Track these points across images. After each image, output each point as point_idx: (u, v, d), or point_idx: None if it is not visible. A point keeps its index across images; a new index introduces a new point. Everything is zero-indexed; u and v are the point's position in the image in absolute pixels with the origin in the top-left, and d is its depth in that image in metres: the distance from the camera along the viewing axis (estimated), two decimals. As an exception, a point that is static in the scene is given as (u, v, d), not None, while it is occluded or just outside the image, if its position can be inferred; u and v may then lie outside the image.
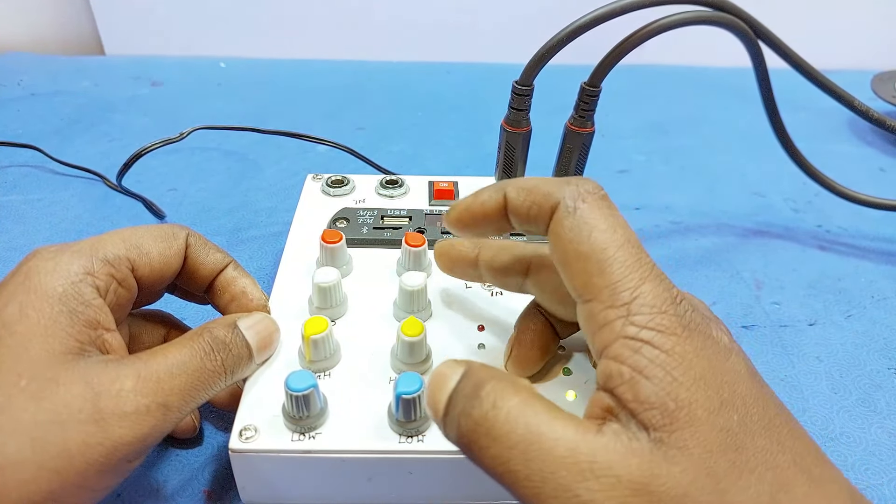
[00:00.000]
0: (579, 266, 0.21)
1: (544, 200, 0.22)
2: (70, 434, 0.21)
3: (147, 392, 0.22)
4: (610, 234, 0.21)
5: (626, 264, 0.20)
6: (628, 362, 0.19)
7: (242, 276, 0.30)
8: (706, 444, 0.18)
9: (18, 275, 0.23)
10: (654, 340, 0.19)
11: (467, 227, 0.26)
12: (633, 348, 0.19)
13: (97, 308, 0.24)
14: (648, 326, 0.19)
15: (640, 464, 0.18)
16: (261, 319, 0.28)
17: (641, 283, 0.20)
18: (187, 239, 0.28)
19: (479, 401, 0.20)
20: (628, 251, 0.20)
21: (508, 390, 0.20)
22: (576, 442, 0.18)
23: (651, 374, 0.19)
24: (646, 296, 0.20)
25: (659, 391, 0.18)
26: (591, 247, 0.21)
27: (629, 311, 0.20)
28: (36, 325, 0.22)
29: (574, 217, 0.21)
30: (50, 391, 0.21)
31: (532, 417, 0.19)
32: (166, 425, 0.23)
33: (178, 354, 0.24)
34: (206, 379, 0.24)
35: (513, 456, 0.19)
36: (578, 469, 0.18)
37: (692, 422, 0.18)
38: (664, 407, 0.18)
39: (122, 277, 0.26)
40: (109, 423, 0.21)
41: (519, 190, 0.23)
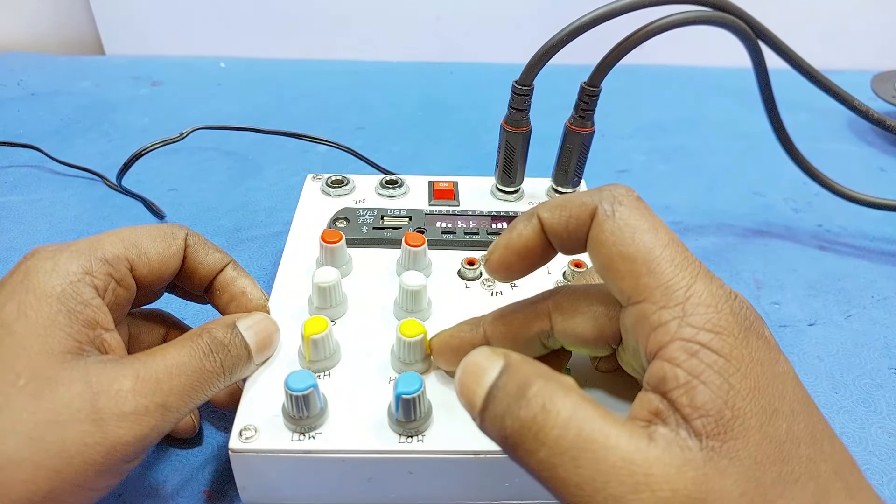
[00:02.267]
0: (626, 268, 0.20)
1: (581, 211, 0.22)
2: (69, 434, 0.21)
3: (146, 392, 0.22)
4: (653, 234, 0.20)
5: (675, 262, 0.20)
6: (685, 366, 0.18)
7: (242, 276, 0.30)
8: (756, 455, 0.17)
9: (17, 274, 0.23)
10: (712, 343, 0.19)
11: (512, 268, 0.24)
12: (689, 351, 0.19)
13: (96, 308, 0.24)
14: (706, 328, 0.19)
15: (696, 477, 0.17)
16: (260, 320, 0.28)
17: (694, 280, 0.19)
18: (186, 239, 0.28)
19: (526, 401, 0.19)
20: (675, 249, 0.20)
21: (558, 392, 0.19)
22: (630, 452, 0.18)
23: (708, 379, 0.18)
24: (700, 294, 0.19)
25: (716, 398, 0.18)
26: (636, 248, 0.20)
27: (684, 311, 0.19)
28: (35, 324, 0.22)
29: (614, 220, 0.21)
30: (49, 391, 0.21)
31: (585, 423, 0.18)
32: (165, 426, 0.23)
33: (177, 355, 0.24)
34: (205, 379, 0.24)
35: (562, 462, 0.18)
36: (633, 481, 0.17)
37: (745, 432, 0.18)
38: (720, 415, 0.18)
39: (121, 277, 0.26)
40: (108, 423, 0.21)
41: (552, 209, 0.23)
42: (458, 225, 0.37)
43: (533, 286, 0.33)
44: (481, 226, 0.37)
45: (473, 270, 0.34)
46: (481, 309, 0.32)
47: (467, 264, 0.34)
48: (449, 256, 0.35)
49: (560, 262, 0.35)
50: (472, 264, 0.34)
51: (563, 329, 0.25)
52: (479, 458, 0.25)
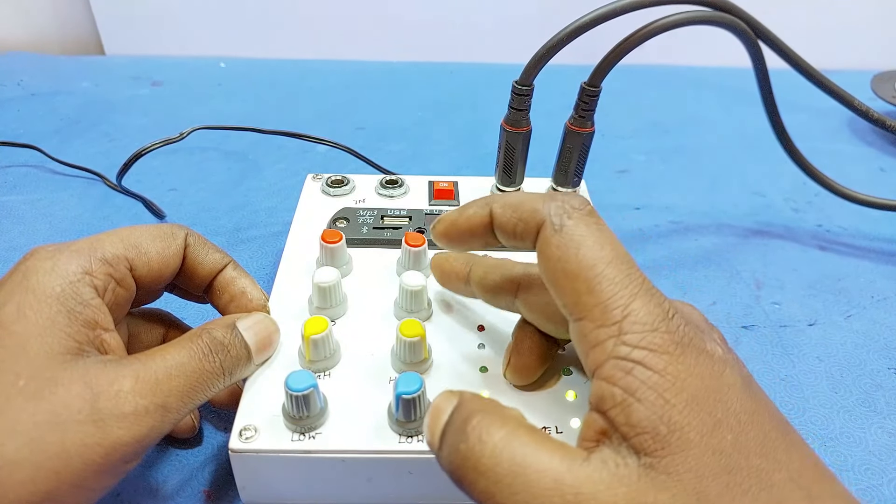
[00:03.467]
0: (568, 284, 0.20)
1: (530, 217, 0.22)
2: (68, 435, 0.21)
3: (146, 393, 0.22)
4: (597, 250, 0.20)
5: (615, 281, 0.20)
6: (620, 384, 0.19)
7: (242, 276, 0.30)
8: (698, 469, 0.17)
9: (16, 274, 0.23)
10: (646, 360, 0.19)
11: (453, 241, 0.26)
12: (624, 369, 0.19)
13: (95, 308, 0.24)
14: (640, 346, 0.19)
15: (627, 492, 0.17)
16: (260, 320, 0.28)
17: (632, 299, 0.19)
18: (186, 238, 0.28)
19: (465, 435, 0.20)
20: (617, 267, 0.20)
21: (495, 424, 0.20)
22: (560, 473, 0.18)
23: (643, 396, 0.18)
24: (637, 313, 0.19)
25: (651, 415, 0.18)
26: (578, 264, 0.20)
27: (620, 329, 0.19)
28: (34, 324, 0.22)
29: (560, 234, 0.21)
30: (48, 391, 0.21)
31: (518, 449, 0.19)
32: (164, 426, 0.23)
33: (176, 355, 0.24)
34: (204, 380, 0.24)
35: (499, 489, 0.18)
36: (563, 501, 0.17)
37: (684, 446, 0.18)
38: (656, 431, 0.18)
39: (121, 277, 0.26)
40: (108, 423, 0.21)
41: (505, 206, 0.23)
42: (458, 225, 0.37)
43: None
44: (481, 226, 0.37)
45: (473, 270, 0.34)
46: (481, 309, 0.32)
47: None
48: (449, 256, 0.35)
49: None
50: (472, 264, 0.34)
51: (523, 301, 0.27)
52: (479, 458, 0.25)
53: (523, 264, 0.28)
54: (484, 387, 0.28)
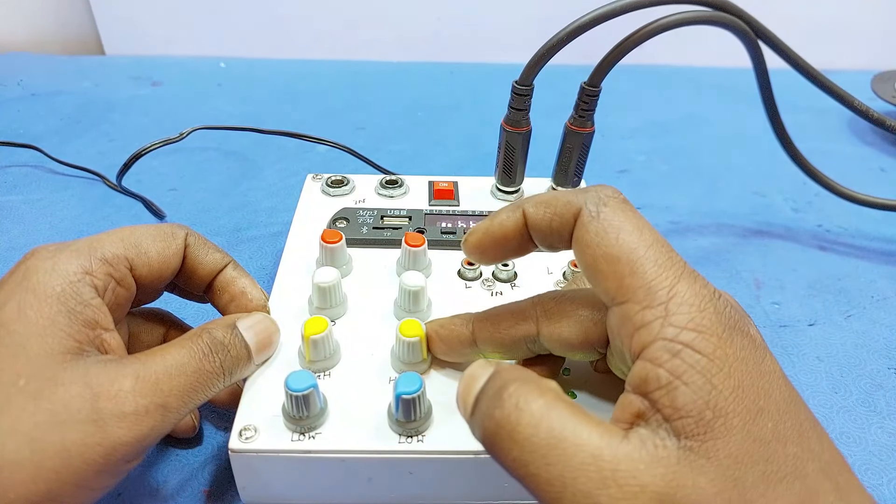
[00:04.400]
0: (610, 269, 0.20)
1: (565, 210, 0.22)
2: (69, 434, 0.21)
3: (146, 393, 0.22)
4: (637, 234, 0.20)
5: (658, 263, 0.20)
6: (667, 366, 0.18)
7: (242, 276, 0.30)
8: (737, 455, 0.17)
9: (17, 274, 0.23)
10: (694, 343, 0.18)
11: (487, 252, 0.25)
12: (672, 351, 0.18)
13: (96, 308, 0.24)
14: (688, 327, 0.19)
15: (666, 473, 0.17)
16: (260, 320, 0.28)
17: (677, 280, 0.19)
18: (186, 238, 0.28)
19: (501, 402, 0.19)
20: (658, 250, 0.20)
21: (533, 392, 0.19)
22: (600, 448, 0.18)
23: (690, 380, 0.18)
24: (683, 294, 0.19)
25: (697, 399, 0.18)
26: (619, 248, 0.20)
27: (667, 310, 0.19)
28: (34, 324, 0.22)
29: (598, 221, 0.21)
30: (49, 391, 0.21)
31: (556, 421, 0.18)
32: (165, 426, 0.23)
33: (176, 355, 0.24)
34: (204, 380, 0.24)
35: (534, 459, 0.18)
36: (601, 476, 0.17)
37: (727, 431, 0.17)
38: (701, 416, 0.18)
39: (121, 277, 0.26)
40: (108, 423, 0.21)
41: (537, 204, 0.23)
42: (458, 225, 0.37)
43: (533, 285, 0.33)
44: (481, 226, 0.37)
45: (473, 270, 0.34)
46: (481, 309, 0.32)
47: (467, 264, 0.34)
48: (449, 256, 0.35)
49: (560, 261, 0.35)
50: (472, 264, 0.34)
51: (548, 334, 0.25)
52: (479, 458, 0.25)
53: (529, 300, 0.26)
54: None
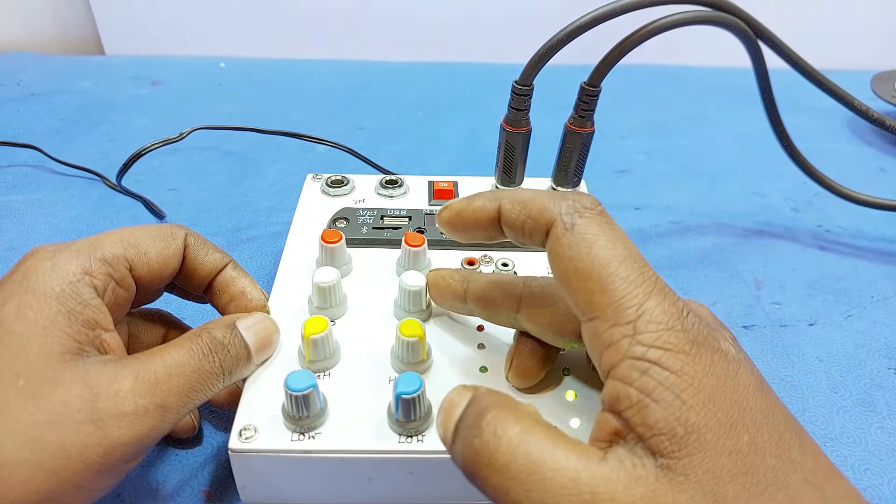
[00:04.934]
0: (580, 284, 0.20)
1: (539, 216, 0.22)
2: (68, 434, 0.21)
3: (145, 393, 0.22)
4: (610, 249, 0.20)
5: (628, 280, 0.20)
6: (636, 384, 0.18)
7: (241, 276, 0.30)
8: (715, 470, 0.17)
9: (16, 274, 0.23)
10: (662, 360, 0.18)
11: (457, 230, 0.25)
12: (640, 369, 0.19)
13: (95, 308, 0.24)
14: (656, 345, 0.19)
15: (645, 493, 0.17)
16: (260, 320, 0.28)
17: (646, 298, 0.19)
18: (186, 239, 0.28)
19: (479, 430, 0.19)
20: (630, 266, 0.20)
21: (510, 419, 0.19)
22: (577, 472, 0.18)
23: (659, 397, 0.18)
24: (652, 312, 0.19)
25: (668, 416, 0.18)
26: (591, 263, 0.20)
27: (635, 329, 0.19)
28: (34, 324, 0.22)
29: (572, 233, 0.21)
30: (48, 391, 0.21)
31: (534, 446, 0.19)
32: (164, 426, 0.23)
33: (176, 355, 0.24)
34: (204, 380, 0.24)
35: (514, 486, 0.18)
36: (580, 500, 0.17)
37: (701, 447, 0.18)
38: (673, 433, 0.18)
39: (121, 277, 0.26)
40: (108, 423, 0.21)
41: (514, 203, 0.23)
42: (458, 225, 0.37)
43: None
44: (481, 226, 0.37)
45: (473, 270, 0.34)
46: (481, 309, 0.32)
47: (467, 264, 0.34)
48: (449, 256, 0.35)
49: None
50: (472, 264, 0.34)
51: (526, 315, 0.26)
52: (479, 458, 0.25)
53: (522, 278, 0.27)
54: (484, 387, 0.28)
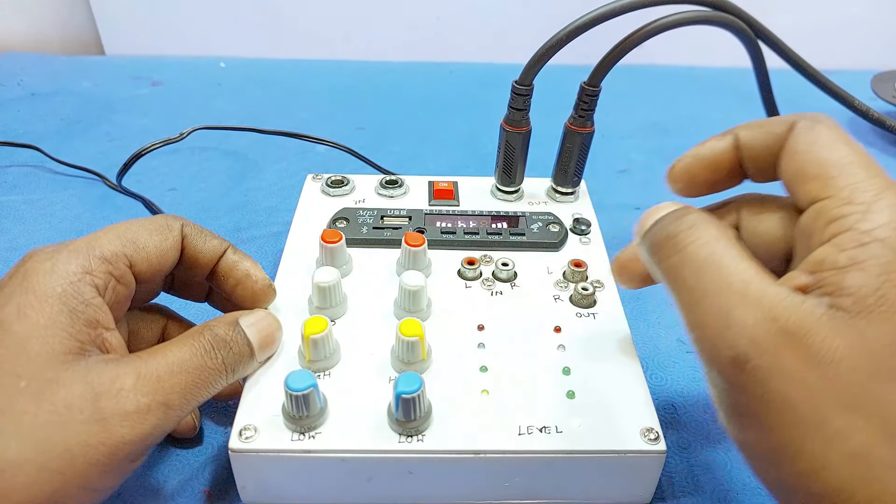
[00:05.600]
0: (818, 171, 0.20)
1: (780, 125, 0.22)
2: (71, 435, 0.21)
3: (147, 391, 0.22)
4: (849, 148, 0.20)
5: (869, 171, 0.20)
6: (849, 252, 0.19)
7: (243, 259, 0.29)
8: (885, 341, 0.18)
9: (16, 276, 0.23)
10: (888, 240, 0.18)
11: (694, 180, 0.25)
12: (860, 242, 0.18)
13: (97, 307, 0.24)
14: (888, 225, 0.18)
15: (803, 318, 0.18)
16: (263, 317, 0.28)
17: (885, 189, 0.19)
18: (182, 229, 0.28)
19: (679, 221, 0.21)
20: (871, 162, 0.20)
21: (711, 224, 0.21)
22: (752, 279, 0.19)
23: (867, 266, 0.18)
24: (890, 200, 0.19)
25: (866, 284, 0.18)
26: (831, 154, 0.20)
27: (869, 208, 0.19)
28: (35, 325, 0.22)
29: (813, 131, 0.21)
30: (50, 392, 0.21)
31: (721, 248, 0.20)
32: (167, 424, 0.23)
33: (178, 352, 0.24)
34: (206, 377, 0.24)
35: (688, 269, 0.20)
36: (745, 297, 0.19)
37: (883, 319, 0.18)
38: (864, 299, 0.18)
39: (121, 275, 0.25)
40: (111, 422, 0.21)
41: (751, 126, 0.23)
42: (457, 225, 0.37)
43: (534, 285, 0.33)
44: (481, 226, 0.37)
45: (473, 270, 0.34)
46: (481, 309, 0.32)
47: (467, 264, 0.34)
48: (449, 256, 0.35)
49: (560, 262, 0.35)
50: (472, 264, 0.34)
51: (748, 225, 0.25)
52: (479, 458, 0.25)
53: (733, 196, 0.26)
54: (484, 387, 0.28)
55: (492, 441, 0.26)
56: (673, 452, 0.31)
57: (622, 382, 0.28)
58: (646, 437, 0.26)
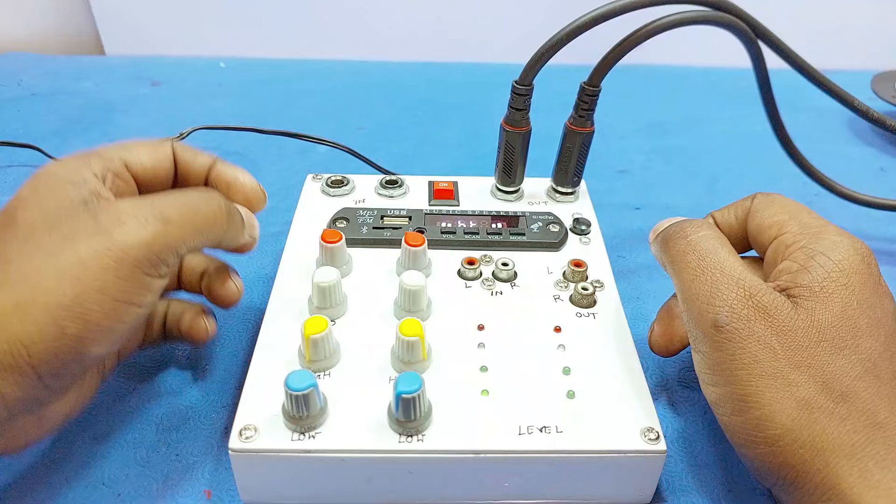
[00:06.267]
0: (775, 219, 0.28)
1: (744, 201, 0.31)
2: (80, 247, 0.23)
3: (143, 207, 0.25)
4: (798, 205, 0.29)
5: (813, 215, 0.28)
6: (800, 261, 0.26)
7: (229, 167, 0.32)
8: (829, 318, 0.24)
9: (32, 176, 0.26)
10: (828, 253, 0.25)
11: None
12: (810, 254, 0.26)
13: (98, 183, 0.26)
14: (829, 246, 0.26)
15: (773, 300, 0.25)
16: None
17: (828, 224, 0.27)
18: (173, 146, 0.31)
19: (689, 223, 0.29)
20: (814, 213, 0.28)
21: (714, 229, 0.28)
22: (740, 269, 0.26)
23: (813, 269, 0.25)
24: (830, 231, 0.27)
25: (813, 280, 0.25)
26: (784, 209, 0.29)
27: (815, 235, 0.26)
28: (51, 189, 0.25)
29: (769, 198, 0.30)
30: (63, 224, 0.24)
31: (719, 245, 0.27)
32: (169, 238, 0.25)
33: (178, 192, 0.27)
34: (204, 211, 0.27)
35: (692, 254, 0.27)
36: (731, 278, 0.25)
37: (826, 302, 0.24)
38: (811, 289, 0.25)
39: (116, 169, 0.28)
40: (112, 232, 0.24)
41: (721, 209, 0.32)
42: (458, 225, 0.37)
43: (533, 285, 0.33)
44: (481, 226, 0.37)
45: (473, 270, 0.34)
46: (481, 309, 0.32)
47: (467, 264, 0.34)
48: (449, 256, 0.35)
49: (560, 261, 0.35)
50: (471, 264, 0.34)
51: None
52: (479, 457, 0.25)
53: None
54: (484, 387, 0.28)
55: (492, 441, 0.26)
56: (673, 452, 0.31)
57: (622, 382, 0.28)
58: (646, 437, 0.26)
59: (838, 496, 0.22)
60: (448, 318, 0.31)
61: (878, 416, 0.23)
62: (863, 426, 0.23)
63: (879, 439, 0.22)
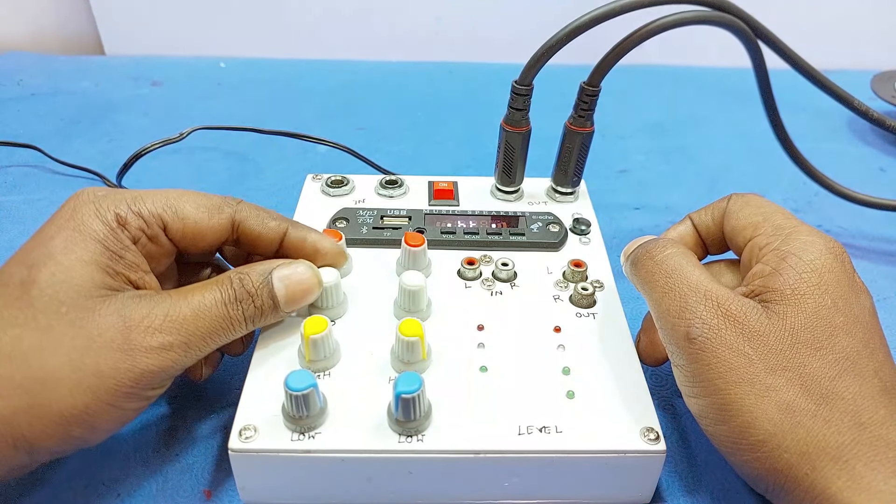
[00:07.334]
0: (750, 221, 0.29)
1: (720, 202, 0.31)
2: (103, 359, 0.23)
3: (172, 331, 0.25)
4: (773, 205, 0.29)
5: (787, 215, 0.28)
6: (772, 264, 0.26)
7: (308, 234, 0.31)
8: (802, 320, 0.24)
9: (66, 210, 0.26)
10: (800, 254, 0.25)
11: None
12: (781, 256, 0.26)
13: (133, 252, 0.26)
14: (800, 247, 0.26)
15: (741, 307, 0.25)
16: (299, 272, 0.29)
17: (801, 225, 0.27)
18: (236, 214, 0.29)
19: (656, 243, 0.29)
20: (789, 212, 0.29)
21: (679, 247, 0.28)
22: (705, 282, 0.26)
23: (785, 272, 0.25)
24: (803, 232, 0.27)
25: (785, 284, 0.25)
26: (758, 210, 0.29)
27: (787, 236, 0.27)
28: (78, 260, 0.24)
29: (744, 199, 0.30)
30: (87, 320, 0.24)
31: (684, 261, 0.27)
32: (186, 361, 0.25)
33: (203, 299, 0.26)
34: (226, 325, 0.26)
35: (659, 272, 0.27)
36: (699, 291, 0.26)
37: (798, 305, 0.24)
38: (783, 293, 0.25)
39: (153, 235, 0.27)
40: (137, 353, 0.24)
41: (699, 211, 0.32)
42: (457, 225, 0.37)
43: (534, 285, 0.33)
44: (481, 226, 0.37)
45: (473, 270, 0.34)
46: (481, 309, 0.32)
47: (467, 264, 0.34)
48: (449, 256, 0.35)
49: (560, 261, 0.35)
50: (471, 264, 0.34)
51: None
52: (479, 457, 0.25)
53: None
54: (484, 386, 0.28)
55: (492, 441, 0.26)
56: (673, 452, 0.31)
57: (622, 382, 0.28)
58: (646, 437, 0.26)
59: (828, 500, 0.22)
60: (448, 319, 0.31)
61: (862, 416, 0.23)
62: (847, 427, 0.22)
63: (865, 440, 0.22)
